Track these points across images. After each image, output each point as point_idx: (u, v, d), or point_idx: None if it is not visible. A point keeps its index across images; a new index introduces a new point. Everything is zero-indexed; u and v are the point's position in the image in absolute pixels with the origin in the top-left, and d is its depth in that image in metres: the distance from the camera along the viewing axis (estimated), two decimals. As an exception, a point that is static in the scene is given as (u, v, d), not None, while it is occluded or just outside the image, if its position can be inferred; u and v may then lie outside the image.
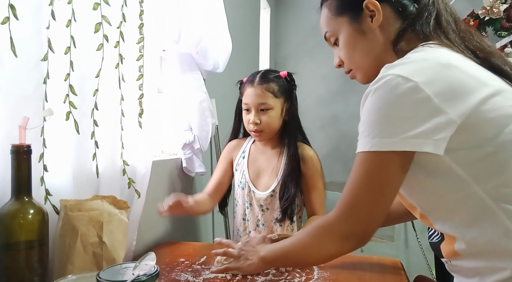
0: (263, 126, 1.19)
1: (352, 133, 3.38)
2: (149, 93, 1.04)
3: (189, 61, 1.37)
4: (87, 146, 0.87)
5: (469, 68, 0.63)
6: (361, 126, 0.65)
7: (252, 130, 1.20)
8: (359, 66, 0.78)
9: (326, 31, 0.80)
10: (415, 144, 0.59)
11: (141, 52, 1.01)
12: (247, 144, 1.31)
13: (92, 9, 0.84)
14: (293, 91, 1.26)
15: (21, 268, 0.66)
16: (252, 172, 1.26)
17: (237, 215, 1.29)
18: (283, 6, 3.60)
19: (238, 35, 1.58)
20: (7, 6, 0.65)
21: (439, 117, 0.58)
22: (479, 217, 0.61)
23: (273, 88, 1.19)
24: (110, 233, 0.77)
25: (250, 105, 1.19)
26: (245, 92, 1.21)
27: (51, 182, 0.78)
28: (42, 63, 0.73)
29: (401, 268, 0.99)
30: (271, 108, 1.18)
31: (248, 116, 1.20)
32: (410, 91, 0.59)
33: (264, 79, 1.19)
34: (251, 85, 1.19)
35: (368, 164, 0.65)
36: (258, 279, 0.90)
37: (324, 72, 3.49)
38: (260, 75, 1.21)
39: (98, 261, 0.76)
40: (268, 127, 1.20)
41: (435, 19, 0.71)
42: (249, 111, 1.20)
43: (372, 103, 0.63)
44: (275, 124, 1.21)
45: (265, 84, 1.18)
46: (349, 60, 0.79)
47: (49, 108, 0.72)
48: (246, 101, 1.20)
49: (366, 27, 0.74)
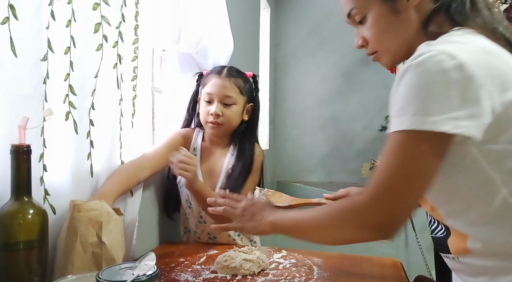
0: (224, 119, 1.15)
1: (352, 133, 3.38)
2: (142, 94, 1.04)
3: (189, 61, 1.37)
4: (87, 146, 0.87)
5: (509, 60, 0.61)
6: (398, 103, 0.59)
7: (211, 121, 1.15)
8: (387, 48, 0.72)
9: (351, 8, 0.74)
10: (458, 126, 0.53)
11: (136, 53, 1.01)
12: (197, 139, 1.25)
13: (92, 9, 0.84)
14: (256, 94, 1.25)
15: (21, 268, 0.66)
16: (205, 173, 1.20)
17: (191, 217, 1.24)
18: (283, 6, 3.59)
19: (238, 35, 1.58)
20: (7, 6, 0.65)
21: (482, 101, 0.54)
22: (499, 216, 0.58)
23: (240, 84, 1.17)
24: (109, 233, 0.77)
25: (214, 95, 1.15)
26: (210, 82, 1.17)
27: (50, 182, 0.78)
28: (42, 63, 0.73)
29: (401, 268, 0.99)
30: (234, 103, 1.16)
31: (209, 107, 1.15)
32: (455, 69, 0.54)
33: (232, 73, 1.18)
34: (217, 76, 1.16)
35: (405, 145, 0.57)
36: (258, 279, 0.90)
37: (324, 72, 3.49)
38: (228, 68, 1.20)
39: (98, 261, 0.76)
40: (228, 122, 1.16)
41: (470, 2, 0.66)
42: (211, 103, 1.16)
43: (412, 79, 0.57)
44: (235, 121, 1.18)
45: (233, 78, 1.16)
46: (376, 41, 0.73)
47: (49, 108, 0.72)
48: (210, 91, 1.15)
49: (401, 6, 0.68)
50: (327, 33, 3.46)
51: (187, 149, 1.20)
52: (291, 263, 1.01)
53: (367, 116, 3.28)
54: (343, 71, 3.43)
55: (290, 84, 3.60)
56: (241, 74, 1.22)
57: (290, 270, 0.96)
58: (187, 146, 1.23)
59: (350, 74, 3.40)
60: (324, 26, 3.46)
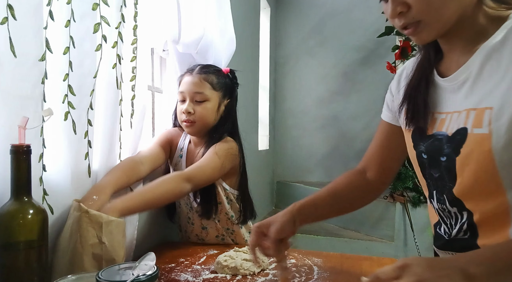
0: (196, 117, 1.12)
1: (352, 133, 3.38)
2: (140, 94, 1.04)
3: (189, 61, 1.37)
4: (86, 146, 0.87)
5: None
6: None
7: (184, 120, 1.13)
8: (436, 16, 0.61)
9: None
10: None
11: (135, 53, 1.01)
12: (183, 141, 1.23)
13: (91, 9, 0.84)
14: (234, 89, 1.23)
15: (21, 268, 0.66)
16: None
17: (181, 218, 1.25)
18: (283, 6, 3.60)
19: (238, 35, 1.58)
20: (6, 6, 0.65)
21: None
22: None
23: (212, 79, 1.15)
24: (109, 233, 0.77)
25: (185, 93, 1.13)
26: (182, 81, 1.16)
27: (49, 182, 0.78)
28: (40, 63, 0.73)
29: (401, 268, 0.98)
30: (207, 100, 1.13)
31: (182, 105, 1.14)
32: None
33: (204, 70, 1.16)
34: (189, 74, 1.16)
35: None
36: (258, 279, 0.90)
37: (324, 72, 3.49)
38: (200, 66, 1.18)
39: (98, 261, 0.76)
40: (201, 119, 1.13)
41: None
42: (184, 101, 1.14)
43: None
44: (210, 118, 1.14)
45: (203, 74, 1.14)
46: (427, 7, 0.60)
47: (48, 108, 0.72)
48: (182, 89, 1.14)
49: None
50: (327, 33, 3.46)
51: (173, 148, 1.22)
52: (291, 263, 1.01)
53: (367, 116, 3.28)
54: (343, 71, 3.43)
55: (290, 84, 3.60)
56: (215, 70, 1.19)
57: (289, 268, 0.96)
58: (174, 146, 1.23)
59: (350, 74, 3.40)
60: (324, 26, 3.47)
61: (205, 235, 1.22)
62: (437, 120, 0.71)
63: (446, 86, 0.70)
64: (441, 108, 0.71)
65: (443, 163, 0.69)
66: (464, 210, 0.69)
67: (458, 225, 0.71)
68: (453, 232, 0.72)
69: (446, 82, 0.70)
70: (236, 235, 1.23)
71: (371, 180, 0.91)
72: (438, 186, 0.72)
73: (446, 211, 0.73)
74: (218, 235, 1.22)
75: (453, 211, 0.71)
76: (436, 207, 0.75)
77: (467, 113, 0.65)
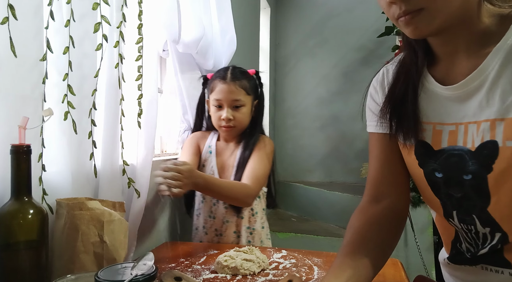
0: (235, 122, 1.21)
1: (352, 133, 3.38)
2: (148, 93, 1.05)
3: (189, 61, 1.37)
4: (86, 146, 0.87)
5: None
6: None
7: (224, 125, 1.21)
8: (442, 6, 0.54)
9: None
10: None
11: (140, 52, 1.01)
12: (212, 140, 1.30)
13: (92, 9, 0.84)
14: (261, 90, 1.30)
15: (21, 268, 0.66)
16: (219, 168, 1.26)
17: (202, 212, 1.27)
18: (283, 6, 3.59)
19: (238, 35, 1.58)
20: (6, 6, 0.65)
21: None
22: None
23: (245, 85, 1.21)
24: (111, 233, 0.77)
25: (223, 101, 1.19)
26: (216, 88, 1.21)
27: (49, 182, 0.78)
28: (41, 63, 0.73)
29: (401, 268, 0.98)
30: (243, 105, 1.21)
31: (220, 112, 1.21)
32: None
33: (236, 76, 1.21)
34: (223, 81, 1.20)
35: None
36: (258, 279, 0.90)
37: (324, 72, 3.49)
38: (231, 71, 1.22)
39: (99, 261, 0.76)
40: (240, 124, 1.22)
41: None
42: (221, 108, 1.20)
43: None
44: (246, 121, 1.24)
45: (237, 81, 1.20)
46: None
47: (48, 108, 0.72)
48: (218, 97, 1.20)
49: None
50: (327, 33, 3.46)
51: (201, 149, 1.29)
52: (291, 263, 1.01)
53: (367, 116, 3.27)
54: (343, 71, 3.43)
55: (290, 84, 3.60)
56: (245, 74, 1.24)
57: (290, 270, 0.96)
58: (202, 146, 1.29)
59: (350, 74, 3.40)
60: (324, 26, 3.47)
61: (224, 229, 1.25)
62: (444, 132, 0.64)
63: (449, 95, 0.63)
64: (445, 119, 0.64)
65: (468, 182, 0.61)
66: (499, 231, 0.61)
67: (487, 247, 0.63)
68: (481, 252, 0.65)
69: (451, 90, 0.62)
70: (255, 235, 1.26)
71: (393, 205, 0.74)
72: (462, 205, 0.64)
73: (473, 232, 0.65)
74: (235, 231, 1.25)
75: (482, 232, 0.63)
76: (459, 226, 0.67)
77: (491, 124, 0.57)
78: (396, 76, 0.70)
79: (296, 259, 1.04)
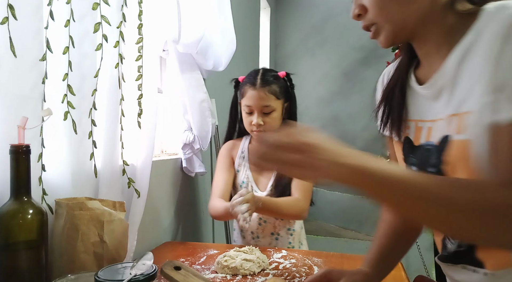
0: (266, 127, 1.21)
1: (352, 133, 3.38)
2: (148, 93, 1.05)
3: (189, 61, 1.37)
4: (86, 146, 0.87)
5: None
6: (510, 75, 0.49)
7: (255, 130, 1.22)
8: (389, 18, 0.59)
9: None
10: None
11: (140, 52, 1.01)
12: (244, 144, 1.32)
13: (92, 9, 0.84)
14: (292, 91, 1.29)
15: (21, 268, 0.66)
16: (253, 171, 1.28)
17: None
18: (283, 6, 3.60)
19: (238, 35, 1.58)
20: (6, 6, 0.65)
21: None
22: None
23: (275, 90, 1.21)
24: (111, 233, 0.77)
25: (253, 107, 1.20)
26: (247, 94, 1.21)
27: (49, 182, 0.78)
28: (41, 63, 0.73)
29: (401, 268, 0.98)
30: (274, 110, 1.21)
31: (251, 117, 1.21)
32: None
33: (266, 81, 1.20)
34: (253, 87, 1.20)
35: None
36: (258, 279, 0.90)
37: (324, 72, 3.49)
38: (260, 76, 1.22)
39: (99, 261, 0.76)
40: (271, 128, 1.22)
41: None
42: (252, 113, 1.21)
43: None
44: (277, 125, 1.24)
45: (267, 87, 1.19)
46: (380, 10, 0.59)
47: (48, 108, 0.72)
48: (249, 103, 1.21)
49: None
50: (327, 33, 3.46)
51: (234, 158, 1.31)
52: (291, 263, 1.01)
53: (367, 116, 3.27)
54: (343, 71, 3.43)
55: (290, 84, 3.60)
56: (274, 78, 1.23)
57: (290, 270, 0.96)
58: (235, 153, 1.32)
59: (350, 74, 3.40)
60: (324, 26, 3.47)
61: (260, 231, 1.26)
62: (423, 129, 0.67)
63: (425, 94, 0.66)
64: (425, 116, 0.67)
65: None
66: None
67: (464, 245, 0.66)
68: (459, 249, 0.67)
69: (424, 89, 0.66)
70: (295, 237, 1.26)
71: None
72: None
73: None
74: (273, 233, 1.26)
75: None
76: None
77: (449, 119, 0.61)
78: (390, 78, 0.74)
79: (296, 259, 1.04)
